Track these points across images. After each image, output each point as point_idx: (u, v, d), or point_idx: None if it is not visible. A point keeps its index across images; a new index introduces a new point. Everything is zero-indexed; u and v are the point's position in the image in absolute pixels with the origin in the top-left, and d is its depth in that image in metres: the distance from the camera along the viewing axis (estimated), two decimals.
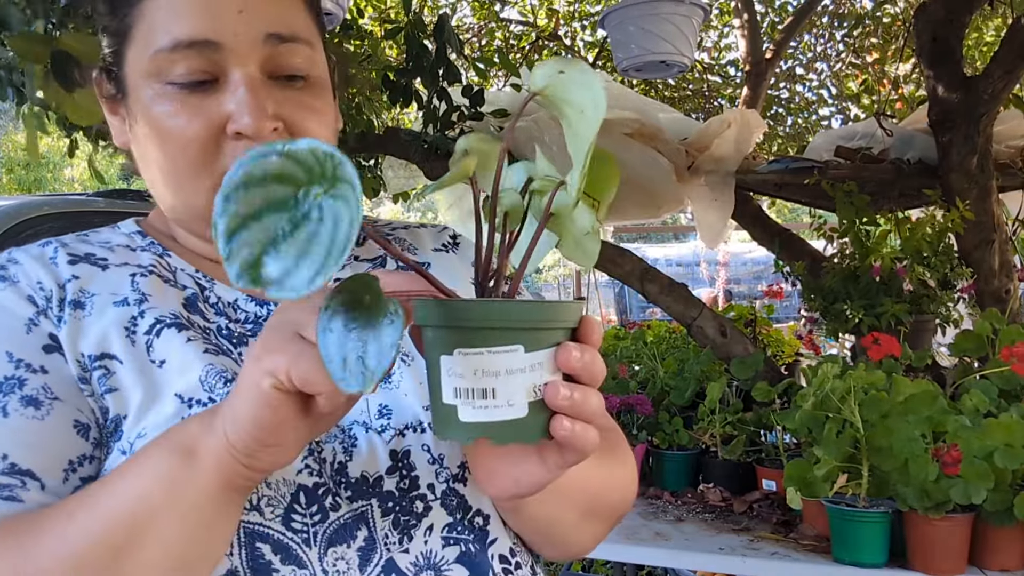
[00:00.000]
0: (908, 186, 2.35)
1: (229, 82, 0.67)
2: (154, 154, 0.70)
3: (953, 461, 1.48)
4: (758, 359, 2.21)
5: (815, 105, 5.26)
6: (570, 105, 0.51)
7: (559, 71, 0.51)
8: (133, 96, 0.70)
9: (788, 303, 6.10)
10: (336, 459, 0.67)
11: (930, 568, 1.54)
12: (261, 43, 0.67)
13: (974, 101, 2.09)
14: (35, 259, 0.71)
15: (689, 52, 2.58)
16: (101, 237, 0.78)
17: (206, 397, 0.66)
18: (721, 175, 2.62)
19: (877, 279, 2.07)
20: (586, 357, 0.52)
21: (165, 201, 0.74)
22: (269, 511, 0.63)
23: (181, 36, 0.66)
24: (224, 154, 0.67)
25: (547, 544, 0.77)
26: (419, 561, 0.66)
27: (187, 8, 0.66)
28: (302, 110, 0.70)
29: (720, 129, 2.56)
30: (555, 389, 0.51)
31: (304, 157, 0.46)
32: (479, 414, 0.51)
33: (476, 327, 0.51)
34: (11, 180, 13.86)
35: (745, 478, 2.07)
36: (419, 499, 0.68)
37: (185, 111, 0.67)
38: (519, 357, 0.51)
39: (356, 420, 0.70)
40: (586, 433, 0.53)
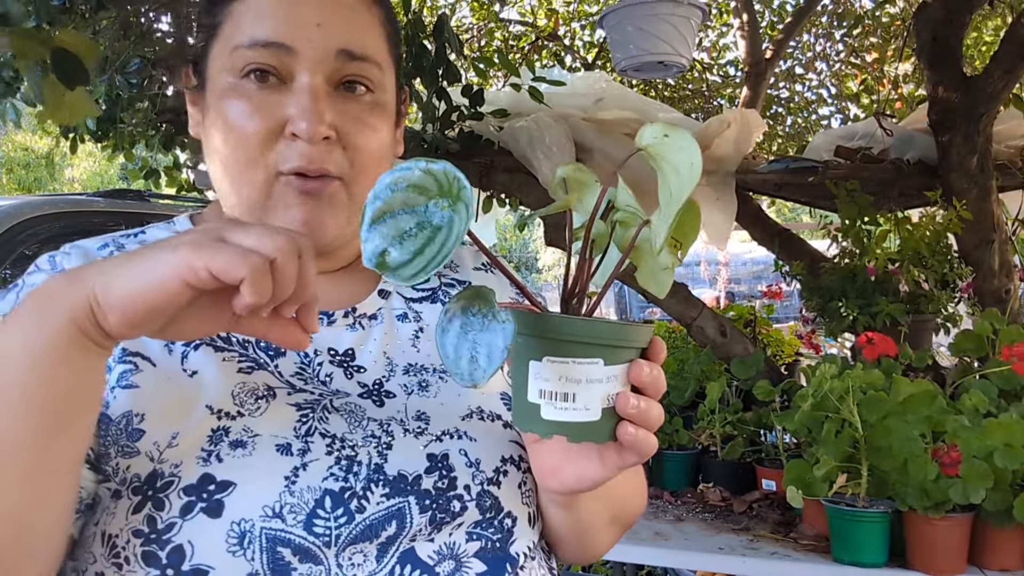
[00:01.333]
0: (908, 186, 2.35)
1: (295, 86, 0.72)
2: (218, 144, 0.74)
3: (952, 462, 1.48)
4: (758, 359, 2.21)
5: (815, 105, 5.26)
6: (669, 163, 0.58)
7: (664, 134, 0.58)
8: (210, 87, 0.75)
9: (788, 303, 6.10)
10: (372, 461, 0.70)
11: (930, 568, 1.54)
12: (332, 56, 0.72)
13: (974, 101, 2.09)
14: (86, 256, 0.75)
15: (687, 53, 2.58)
16: (156, 234, 0.81)
17: (235, 411, 0.69)
18: (721, 175, 2.62)
19: (873, 279, 2.07)
20: (654, 373, 0.61)
21: (223, 191, 0.77)
22: (291, 518, 0.65)
23: (260, 36, 0.71)
24: (278, 151, 0.72)
25: (576, 544, 0.82)
26: (442, 551, 0.70)
27: (271, 13, 0.72)
28: (358, 124, 0.74)
29: (720, 129, 2.56)
30: (626, 399, 0.60)
31: (438, 175, 0.54)
32: (559, 414, 0.59)
33: (566, 340, 0.58)
34: (11, 180, 13.86)
35: (745, 478, 2.07)
36: (456, 499, 0.71)
37: (251, 106, 0.72)
38: (599, 369, 0.59)
39: (394, 418, 0.74)
40: (647, 439, 0.61)
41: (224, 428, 0.69)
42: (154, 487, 0.66)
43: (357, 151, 0.74)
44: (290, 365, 0.75)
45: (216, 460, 0.66)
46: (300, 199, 0.73)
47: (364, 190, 0.73)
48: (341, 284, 0.83)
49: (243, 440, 0.68)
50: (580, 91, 2.67)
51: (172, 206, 4.37)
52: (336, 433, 0.71)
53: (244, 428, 0.69)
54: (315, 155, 0.72)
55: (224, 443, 0.68)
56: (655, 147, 0.58)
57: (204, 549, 0.64)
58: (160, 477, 0.66)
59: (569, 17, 5.16)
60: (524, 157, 2.49)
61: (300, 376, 0.75)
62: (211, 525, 0.64)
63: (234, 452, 0.67)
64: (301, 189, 0.72)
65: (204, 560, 0.64)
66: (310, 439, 0.69)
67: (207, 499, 0.65)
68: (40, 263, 0.77)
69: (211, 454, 0.67)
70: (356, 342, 0.79)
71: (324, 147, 0.72)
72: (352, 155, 0.74)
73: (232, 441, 0.68)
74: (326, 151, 0.72)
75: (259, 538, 0.64)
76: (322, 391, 0.74)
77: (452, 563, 0.70)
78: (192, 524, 0.64)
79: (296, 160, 0.72)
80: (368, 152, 0.75)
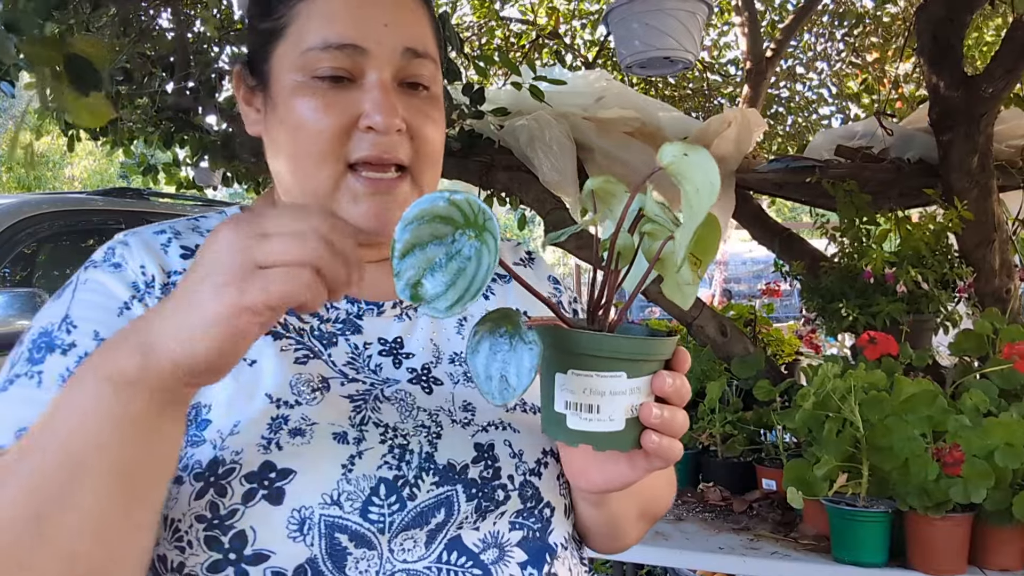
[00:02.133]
0: (908, 185, 2.35)
1: (366, 83, 0.75)
2: (285, 140, 0.77)
3: (955, 461, 1.48)
4: (758, 358, 2.21)
5: (815, 104, 5.26)
6: (689, 182, 0.59)
7: (684, 153, 0.59)
8: (275, 87, 0.78)
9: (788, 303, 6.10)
10: (423, 450, 0.73)
11: (930, 568, 1.54)
12: (399, 55, 0.76)
13: (974, 100, 2.08)
14: (145, 244, 0.77)
15: (694, 48, 2.56)
16: (210, 224, 0.83)
17: (293, 400, 0.72)
18: (721, 174, 2.62)
19: (871, 280, 2.07)
20: (677, 383, 0.63)
21: (287, 186, 0.79)
22: (348, 505, 0.68)
23: (332, 38, 0.74)
24: (351, 145, 0.75)
25: (607, 537, 0.86)
26: (487, 539, 0.73)
27: (341, 16, 0.75)
28: (422, 117, 0.78)
29: (720, 128, 2.55)
30: (649, 410, 0.62)
31: (463, 205, 0.56)
32: (584, 424, 0.61)
33: (589, 354, 0.60)
34: (11, 179, 13.84)
35: (745, 477, 2.07)
36: (500, 488, 0.74)
37: (324, 104, 0.74)
38: (622, 382, 0.61)
39: (442, 408, 0.77)
40: (672, 445, 0.63)
41: (283, 416, 0.71)
42: (216, 474, 0.68)
43: (423, 142, 0.78)
44: (342, 354, 0.78)
45: (276, 448, 0.69)
46: (370, 195, 0.75)
47: (428, 180, 0.79)
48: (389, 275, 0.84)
49: (301, 428, 0.70)
50: (580, 90, 2.67)
51: (172, 204, 4.37)
52: (388, 422, 0.73)
53: (302, 417, 0.71)
54: (388, 145, 0.75)
55: (283, 431, 0.70)
56: (675, 166, 0.60)
57: (266, 535, 0.66)
58: (221, 464, 0.68)
59: (570, 15, 5.15)
60: (524, 156, 2.49)
61: (352, 365, 0.78)
62: (273, 512, 0.66)
63: (293, 440, 0.69)
64: (373, 188, 0.75)
65: (266, 545, 0.66)
66: (364, 428, 0.72)
67: (268, 486, 0.67)
68: (96, 258, 0.78)
69: (271, 442, 0.69)
70: (404, 331, 0.82)
71: (396, 138, 0.75)
72: (418, 145, 0.77)
73: (291, 429, 0.70)
74: (398, 141, 0.75)
75: (318, 524, 0.67)
76: (373, 380, 0.77)
77: (496, 551, 0.73)
78: (254, 510, 0.66)
79: (368, 149, 0.74)
80: (432, 143, 0.79)
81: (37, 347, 0.71)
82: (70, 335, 0.71)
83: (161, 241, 0.79)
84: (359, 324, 0.80)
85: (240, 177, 3.97)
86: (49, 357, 0.70)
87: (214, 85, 3.35)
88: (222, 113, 3.36)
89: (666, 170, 0.61)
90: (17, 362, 0.72)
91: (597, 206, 0.67)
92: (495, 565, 0.72)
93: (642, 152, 2.56)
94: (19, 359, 0.72)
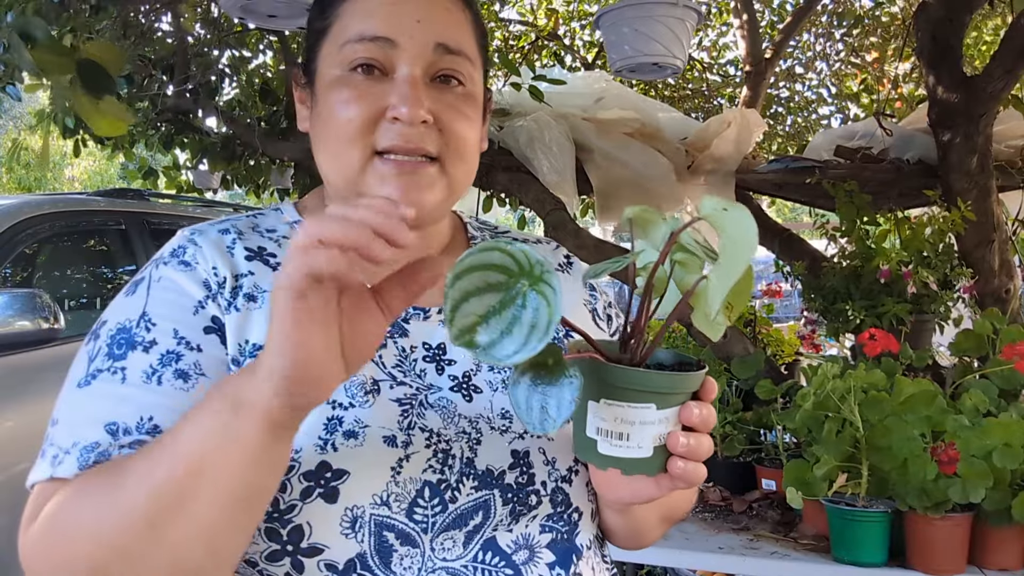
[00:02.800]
0: (908, 186, 2.35)
1: (396, 77, 0.78)
2: (322, 130, 0.81)
3: (950, 460, 1.48)
4: (758, 359, 2.21)
5: (815, 104, 5.26)
6: (727, 235, 0.62)
7: (723, 208, 0.62)
8: (319, 82, 0.82)
9: (788, 303, 6.10)
10: (464, 455, 0.77)
11: (929, 568, 1.54)
12: (431, 50, 0.79)
13: (974, 101, 2.08)
14: (214, 245, 0.81)
15: (682, 55, 2.57)
16: (268, 223, 0.87)
17: (347, 402, 0.75)
18: (721, 175, 2.62)
19: (883, 281, 2.06)
20: (704, 412, 0.66)
21: (326, 173, 0.83)
22: (396, 505, 0.72)
23: (367, 32, 0.78)
24: (378, 133, 0.77)
25: (629, 539, 0.91)
26: (519, 540, 0.77)
27: (377, 11, 0.79)
28: (452, 111, 0.80)
29: (720, 128, 2.56)
30: (676, 439, 0.65)
31: (519, 256, 0.58)
32: (614, 450, 0.64)
33: (621, 387, 0.63)
34: (11, 179, 13.85)
35: (745, 478, 2.07)
36: (533, 493, 0.78)
37: (356, 93, 0.78)
38: (651, 413, 0.64)
39: (481, 415, 0.80)
40: (697, 470, 0.67)
41: (338, 418, 0.74)
42: None
43: (452, 135, 0.80)
44: (391, 356, 0.81)
45: (332, 449, 0.72)
46: (394, 175, 0.78)
47: (460, 172, 0.81)
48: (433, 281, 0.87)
49: (355, 431, 0.74)
50: (580, 90, 2.67)
51: (172, 205, 4.37)
52: (433, 428, 0.77)
53: (355, 419, 0.75)
54: (413, 135, 0.77)
55: (338, 432, 0.73)
56: (714, 218, 0.63)
57: (321, 530, 0.71)
58: None
59: (569, 17, 5.16)
60: (524, 156, 2.49)
61: (399, 368, 0.80)
62: (328, 509, 0.71)
63: (347, 442, 0.73)
64: (397, 169, 0.77)
65: (320, 540, 0.71)
66: (411, 432, 0.76)
67: (324, 485, 0.71)
68: (165, 256, 0.80)
69: (327, 443, 0.73)
70: (447, 338, 0.83)
71: (422, 129, 0.77)
72: (448, 139, 0.80)
73: (345, 431, 0.74)
74: (424, 133, 0.78)
75: (368, 523, 0.71)
76: (418, 385, 0.80)
77: (527, 552, 0.77)
78: (311, 507, 0.71)
79: (394, 139, 0.77)
80: (462, 137, 0.81)
81: (117, 343, 0.74)
82: (150, 332, 0.74)
83: (227, 242, 0.82)
84: (406, 328, 0.83)
85: (239, 179, 3.97)
86: (131, 354, 0.73)
87: (214, 87, 3.35)
88: (222, 115, 3.37)
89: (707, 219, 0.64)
90: (95, 357, 0.74)
91: (634, 232, 0.70)
92: (525, 565, 0.76)
93: (642, 153, 2.56)
94: (96, 354, 0.74)
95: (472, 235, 0.95)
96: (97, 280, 3.70)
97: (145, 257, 3.62)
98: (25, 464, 3.14)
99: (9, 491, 2.57)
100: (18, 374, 2.81)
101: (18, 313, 2.77)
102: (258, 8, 2.18)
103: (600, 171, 2.58)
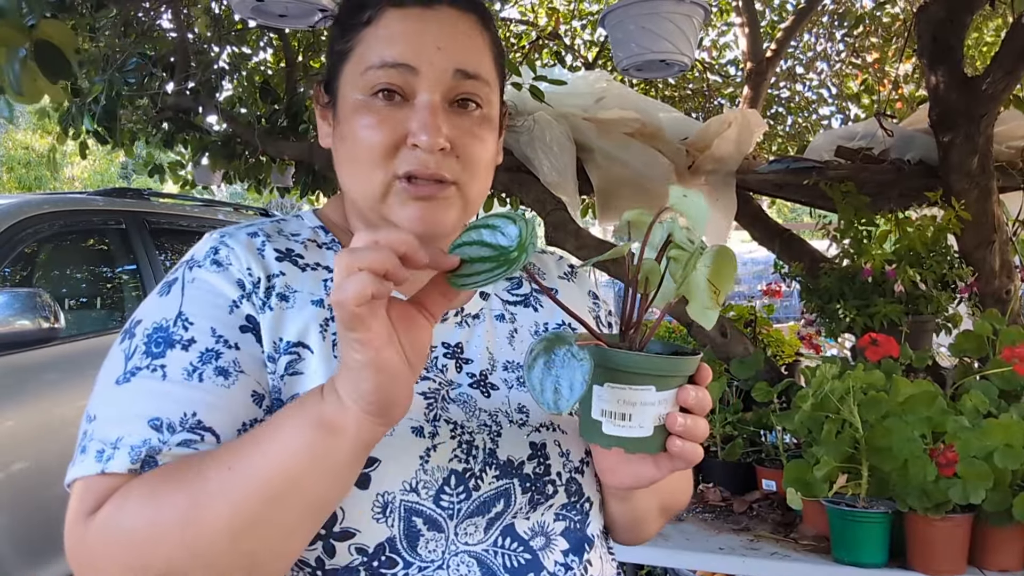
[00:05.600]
0: (909, 187, 2.35)
1: (416, 103, 0.81)
2: (346, 152, 0.85)
3: (948, 462, 1.48)
4: (758, 359, 2.21)
5: (815, 105, 5.26)
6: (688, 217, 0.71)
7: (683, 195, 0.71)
8: (341, 104, 0.85)
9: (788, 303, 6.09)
10: (487, 446, 0.82)
11: (930, 568, 1.54)
12: (450, 76, 0.82)
13: (974, 101, 2.08)
14: (246, 247, 0.84)
15: (689, 51, 2.57)
16: (291, 228, 0.91)
17: None
18: (722, 175, 2.62)
19: (870, 280, 2.07)
20: (699, 395, 0.72)
21: (349, 191, 0.87)
22: (424, 492, 0.77)
23: (388, 58, 0.81)
24: (399, 159, 0.81)
25: (630, 530, 0.95)
26: (535, 527, 0.82)
27: (399, 38, 0.82)
28: (470, 137, 0.83)
29: (721, 129, 2.56)
30: (674, 419, 0.71)
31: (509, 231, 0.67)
32: (617, 430, 0.70)
33: (623, 370, 0.69)
34: (11, 179, 13.85)
35: (745, 478, 2.07)
36: (550, 483, 0.83)
37: (378, 119, 0.81)
38: (651, 395, 0.70)
39: (500, 410, 0.85)
40: (694, 449, 0.73)
41: None
42: None
43: (469, 160, 0.83)
44: None
45: None
46: (414, 200, 0.81)
47: (475, 192, 0.86)
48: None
49: None
50: (581, 90, 2.67)
51: (172, 205, 4.37)
52: (457, 420, 0.82)
53: None
54: (431, 162, 0.80)
55: None
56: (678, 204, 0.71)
57: (353, 515, 0.74)
58: None
59: (569, 16, 5.16)
60: (524, 156, 2.49)
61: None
62: (360, 495, 0.74)
63: None
64: (416, 194, 0.81)
65: (353, 524, 0.74)
66: (437, 424, 0.80)
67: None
68: (198, 257, 0.83)
69: None
70: (464, 337, 0.90)
71: (440, 156, 0.81)
72: (464, 163, 0.83)
73: None
74: (442, 160, 0.81)
75: (399, 508, 0.75)
76: (440, 380, 0.85)
77: (543, 539, 0.82)
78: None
79: (414, 164, 0.80)
80: (478, 161, 0.85)
81: (155, 342, 0.76)
82: (188, 331, 0.77)
83: (257, 244, 0.85)
84: None
85: (240, 176, 3.97)
86: (170, 352, 0.75)
87: (214, 85, 3.35)
88: (222, 113, 3.36)
89: (673, 207, 0.72)
90: (132, 355, 0.76)
91: (632, 234, 0.75)
92: (542, 551, 0.81)
93: (642, 153, 2.56)
94: (133, 352, 0.76)
95: None
96: (97, 280, 3.70)
97: (145, 257, 3.62)
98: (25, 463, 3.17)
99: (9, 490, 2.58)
100: (18, 374, 2.81)
101: (18, 312, 2.77)
102: (269, 8, 2.18)
103: (601, 171, 2.58)
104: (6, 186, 13.60)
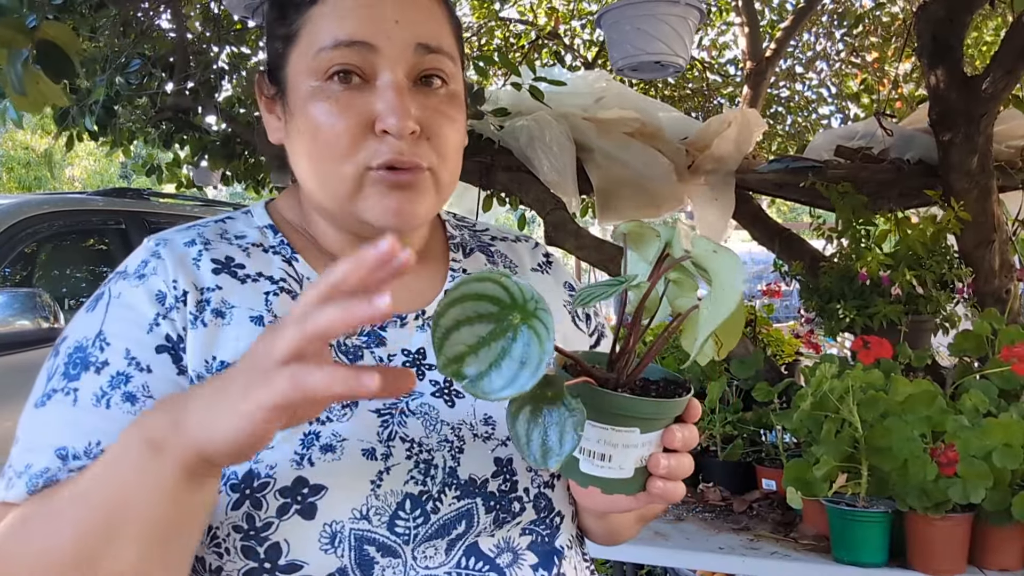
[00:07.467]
0: (908, 186, 2.35)
1: (379, 84, 0.74)
2: (306, 145, 0.77)
3: (949, 461, 1.48)
4: (758, 359, 2.21)
5: (815, 104, 5.26)
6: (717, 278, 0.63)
7: (713, 250, 0.63)
8: (292, 94, 0.77)
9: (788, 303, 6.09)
10: (446, 464, 0.75)
11: (930, 568, 1.54)
12: (411, 51, 0.75)
13: (974, 101, 2.08)
14: (177, 259, 0.77)
15: (684, 53, 2.57)
16: (237, 228, 0.84)
17: (324, 416, 0.73)
18: (721, 174, 2.62)
19: (867, 282, 2.07)
20: (686, 435, 0.67)
21: (311, 189, 0.79)
22: (376, 519, 0.71)
23: (342, 36, 0.73)
24: (368, 147, 0.74)
25: (604, 538, 0.90)
26: (500, 544, 0.76)
27: (350, 14, 0.74)
28: (440, 116, 0.77)
29: (720, 128, 2.55)
30: (657, 461, 0.66)
31: (512, 289, 0.57)
32: (595, 470, 0.65)
33: (608, 411, 0.63)
34: (11, 179, 13.84)
35: (745, 478, 2.07)
36: (516, 500, 0.77)
37: (338, 106, 0.73)
38: (635, 437, 0.64)
39: (465, 421, 0.78)
40: (676, 489, 0.67)
41: (315, 432, 0.72)
42: (251, 486, 0.70)
43: (440, 141, 0.77)
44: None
45: (308, 464, 0.71)
46: (393, 190, 0.75)
47: (447, 176, 0.78)
48: (411, 286, 0.85)
49: (332, 445, 0.72)
50: (580, 90, 2.67)
51: (171, 204, 4.37)
52: (414, 437, 0.75)
53: (332, 433, 0.73)
54: (405, 149, 0.74)
55: (315, 447, 0.71)
56: (704, 259, 0.64)
57: (299, 547, 0.69)
58: (257, 477, 0.70)
59: (569, 16, 5.15)
60: (524, 156, 2.49)
61: None
62: (305, 526, 0.69)
63: (324, 456, 0.71)
64: (394, 183, 0.74)
65: (299, 557, 0.69)
66: (391, 443, 0.74)
67: (301, 502, 0.70)
68: (129, 269, 0.78)
69: (303, 457, 0.71)
70: (427, 342, 0.82)
71: (412, 141, 0.74)
72: (436, 145, 0.77)
73: (322, 445, 0.72)
74: (415, 144, 0.75)
75: (348, 538, 0.70)
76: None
77: (510, 555, 0.76)
78: (288, 524, 0.69)
79: (388, 155, 0.73)
80: (450, 141, 0.78)
81: (73, 363, 0.73)
82: (103, 352, 0.73)
83: (192, 255, 0.78)
84: (383, 336, 0.80)
85: (239, 176, 3.97)
86: (84, 375, 0.72)
87: (213, 85, 3.35)
88: (221, 113, 3.36)
89: (693, 258, 0.65)
90: (53, 375, 0.74)
91: (628, 247, 0.70)
92: (509, 568, 0.76)
93: (642, 153, 2.56)
94: (55, 372, 0.74)
95: (451, 233, 0.93)
96: (97, 280, 3.70)
97: None
98: None
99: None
100: (18, 374, 2.81)
101: (18, 312, 2.78)
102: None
103: (600, 171, 2.57)
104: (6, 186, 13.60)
